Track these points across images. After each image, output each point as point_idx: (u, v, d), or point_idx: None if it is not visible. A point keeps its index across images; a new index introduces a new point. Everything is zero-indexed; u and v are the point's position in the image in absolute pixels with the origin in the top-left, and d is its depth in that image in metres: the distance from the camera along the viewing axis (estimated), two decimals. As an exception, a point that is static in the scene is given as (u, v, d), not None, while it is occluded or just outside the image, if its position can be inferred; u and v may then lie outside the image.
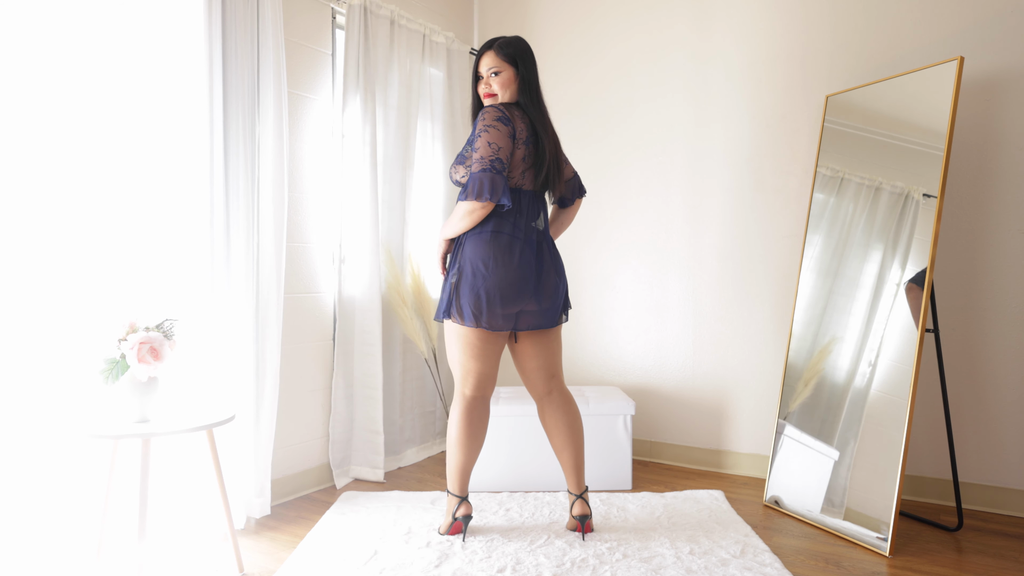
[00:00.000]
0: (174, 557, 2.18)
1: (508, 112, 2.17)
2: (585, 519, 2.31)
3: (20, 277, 1.93)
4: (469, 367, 2.24)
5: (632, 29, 3.43)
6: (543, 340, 2.32)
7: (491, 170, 2.09)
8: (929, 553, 2.26)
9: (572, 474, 2.34)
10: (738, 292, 3.17)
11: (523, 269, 2.16)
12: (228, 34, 2.41)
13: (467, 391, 2.27)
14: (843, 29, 2.93)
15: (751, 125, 3.13)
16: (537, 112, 2.24)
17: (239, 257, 2.45)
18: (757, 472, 3.11)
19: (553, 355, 2.34)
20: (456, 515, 2.30)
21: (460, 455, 2.28)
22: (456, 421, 2.28)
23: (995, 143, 2.65)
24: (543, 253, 2.23)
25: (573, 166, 2.43)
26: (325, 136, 2.98)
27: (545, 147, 2.21)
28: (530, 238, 2.21)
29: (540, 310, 2.22)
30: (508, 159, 2.14)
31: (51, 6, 1.98)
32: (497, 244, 2.14)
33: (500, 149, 2.12)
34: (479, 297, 2.13)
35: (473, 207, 2.11)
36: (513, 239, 2.16)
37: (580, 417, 2.37)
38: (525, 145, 2.19)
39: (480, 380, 2.26)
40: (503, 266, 2.13)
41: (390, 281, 3.15)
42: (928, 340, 2.62)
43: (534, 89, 2.25)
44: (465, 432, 2.27)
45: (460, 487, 2.32)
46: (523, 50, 2.28)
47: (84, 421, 1.90)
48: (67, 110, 2.03)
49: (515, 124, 2.17)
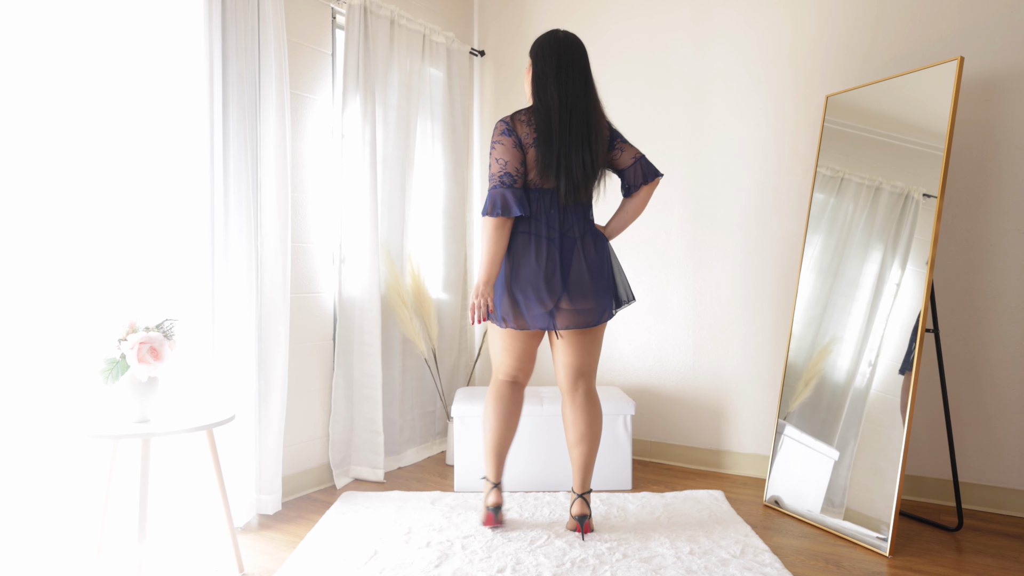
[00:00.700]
0: (174, 557, 2.18)
1: (511, 122, 2.23)
2: (584, 519, 2.32)
3: (21, 277, 1.93)
4: (501, 359, 2.39)
5: (631, 29, 3.43)
6: (578, 339, 2.32)
7: (500, 186, 2.19)
8: (929, 553, 2.26)
9: (578, 472, 2.35)
10: (738, 292, 3.17)
11: (545, 267, 2.18)
12: (228, 34, 2.41)
13: (498, 376, 2.43)
14: (843, 29, 2.93)
15: (751, 125, 3.13)
16: (545, 109, 2.20)
17: (239, 257, 2.45)
18: (757, 472, 3.11)
19: (586, 355, 2.34)
20: (487, 503, 2.38)
21: (488, 435, 2.38)
22: (486, 402, 2.42)
23: (995, 143, 2.65)
24: (574, 251, 2.22)
25: (636, 149, 2.31)
26: (325, 136, 2.98)
27: (556, 146, 2.18)
28: (553, 236, 2.21)
29: (575, 309, 2.22)
30: (519, 168, 2.20)
31: (51, 6, 1.98)
32: (518, 245, 2.22)
33: (507, 163, 2.19)
34: (506, 298, 2.23)
35: (487, 224, 2.19)
36: (534, 238, 2.21)
37: (600, 421, 2.37)
38: (535, 147, 2.21)
39: (511, 371, 2.39)
40: (524, 266, 2.20)
41: (390, 281, 3.15)
42: (928, 340, 2.62)
43: (541, 85, 2.23)
44: (492, 411, 2.38)
45: (492, 471, 2.39)
46: (535, 44, 2.31)
47: (84, 421, 1.90)
48: (67, 110, 2.03)
49: (518, 131, 2.21)
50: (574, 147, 2.19)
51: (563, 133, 2.18)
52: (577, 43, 2.28)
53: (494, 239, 2.18)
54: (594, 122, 2.22)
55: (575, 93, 2.21)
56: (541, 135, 2.19)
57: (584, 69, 2.25)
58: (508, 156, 2.19)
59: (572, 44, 2.27)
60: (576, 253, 2.22)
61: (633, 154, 2.31)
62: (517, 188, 2.19)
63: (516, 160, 2.19)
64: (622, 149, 2.31)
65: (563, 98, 2.20)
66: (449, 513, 2.54)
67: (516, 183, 2.19)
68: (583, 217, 2.27)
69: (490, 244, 2.19)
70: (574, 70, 2.23)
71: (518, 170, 2.19)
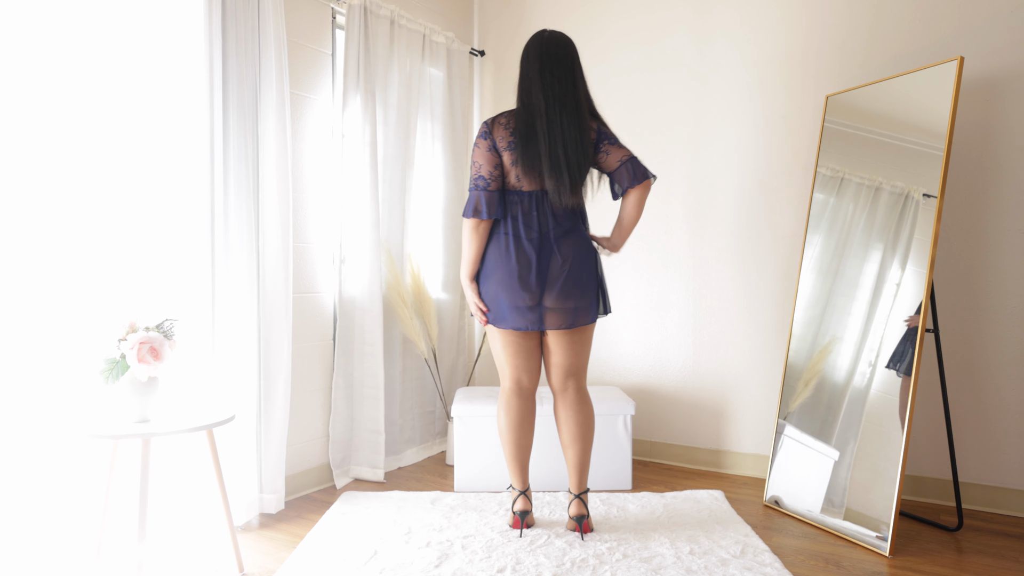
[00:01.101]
0: (174, 557, 2.18)
1: (490, 126, 2.26)
2: (582, 519, 2.32)
3: (21, 277, 1.93)
4: (502, 362, 2.39)
5: (631, 29, 3.43)
6: (565, 339, 2.32)
7: (475, 188, 2.25)
8: (929, 553, 2.26)
9: (574, 473, 2.35)
10: (738, 292, 3.17)
11: (520, 268, 2.21)
12: (228, 34, 2.41)
13: (504, 383, 2.41)
14: (843, 29, 2.93)
15: (751, 125, 3.13)
16: (526, 111, 2.22)
17: (239, 256, 2.45)
18: (757, 472, 3.11)
19: (574, 355, 2.34)
20: (513, 509, 2.38)
21: (505, 445, 2.39)
22: (497, 412, 2.44)
23: (995, 143, 2.65)
24: (551, 252, 2.22)
25: (626, 150, 2.25)
26: (325, 136, 2.98)
27: (536, 149, 2.19)
28: (532, 237, 2.22)
29: (558, 308, 2.23)
30: (493, 172, 2.24)
31: (52, 7, 1.98)
32: (497, 246, 2.26)
33: (481, 166, 2.25)
34: (491, 299, 2.28)
35: (464, 225, 2.28)
36: (513, 239, 2.23)
37: (592, 420, 2.37)
38: (510, 150, 2.22)
39: (514, 373, 2.38)
40: (502, 267, 2.23)
41: (390, 281, 3.15)
42: (928, 340, 2.62)
43: (525, 88, 2.26)
44: (504, 421, 2.38)
45: (516, 479, 2.40)
46: (524, 47, 2.31)
47: (84, 421, 1.90)
48: (67, 111, 2.03)
49: (495, 134, 2.24)
50: (557, 148, 2.18)
51: (545, 135, 2.18)
52: (563, 42, 2.26)
53: (469, 239, 2.28)
54: (579, 122, 2.20)
55: (557, 94, 2.20)
56: (519, 138, 2.20)
57: (569, 68, 2.23)
58: (482, 159, 2.24)
59: (557, 43, 2.25)
60: (553, 253, 2.22)
61: (620, 156, 2.25)
62: (491, 191, 2.23)
63: (490, 164, 2.24)
64: (608, 151, 2.25)
65: (547, 99, 2.20)
66: (449, 513, 2.55)
67: (490, 186, 2.23)
68: (568, 218, 2.25)
69: (466, 244, 2.29)
70: (558, 69, 2.22)
71: (491, 173, 2.24)
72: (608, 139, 2.26)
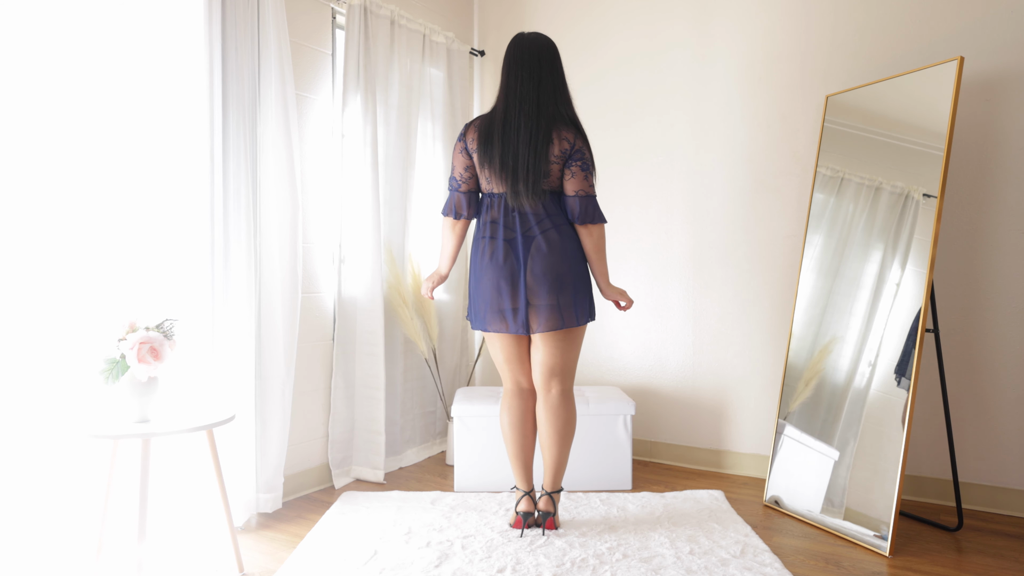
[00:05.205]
0: (174, 557, 2.18)
1: (466, 128, 2.32)
2: (547, 516, 2.35)
3: (21, 277, 1.93)
4: (500, 364, 2.44)
5: (631, 30, 3.43)
6: (547, 339, 2.32)
7: (450, 189, 2.36)
8: (929, 553, 2.26)
9: (549, 472, 2.38)
10: (738, 292, 3.17)
11: (497, 269, 2.24)
12: (228, 34, 2.41)
13: (505, 384, 2.45)
14: (843, 29, 2.93)
15: (751, 125, 3.13)
16: (491, 113, 2.28)
17: (239, 256, 2.45)
18: (757, 472, 3.11)
19: (558, 355, 2.33)
20: (517, 509, 2.38)
21: (508, 446, 2.41)
22: (500, 413, 2.45)
23: (995, 143, 2.65)
24: (528, 254, 2.22)
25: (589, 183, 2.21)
26: (325, 136, 2.98)
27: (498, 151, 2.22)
28: (512, 238, 2.24)
29: (543, 306, 2.23)
30: (464, 174, 2.31)
31: (52, 7, 1.98)
32: (476, 249, 2.33)
33: (454, 168, 2.34)
34: (472, 301, 2.35)
35: (442, 223, 2.40)
36: (490, 240, 2.27)
37: (573, 424, 2.36)
38: (476, 152, 2.26)
39: (512, 375, 2.42)
40: (481, 268, 2.29)
41: (391, 281, 3.15)
42: (928, 340, 2.62)
43: (500, 90, 2.30)
44: (505, 423, 2.41)
45: (520, 479, 2.41)
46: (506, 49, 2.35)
47: (84, 421, 1.91)
48: (67, 111, 2.03)
49: (467, 136, 2.30)
50: (508, 153, 2.20)
51: (499, 138, 2.21)
52: (537, 45, 2.27)
53: (444, 236, 2.41)
54: (536, 126, 2.19)
55: (520, 96, 2.22)
56: (481, 141, 2.24)
57: (535, 71, 2.23)
58: (456, 161, 2.33)
59: (530, 45, 2.27)
60: (530, 253, 2.23)
61: (580, 187, 2.21)
62: (462, 192, 2.32)
63: (461, 165, 2.31)
64: (573, 174, 2.21)
65: (508, 102, 2.24)
66: (449, 513, 2.54)
67: (461, 187, 2.32)
68: (547, 218, 2.22)
69: (442, 241, 2.43)
70: (524, 72, 2.23)
71: (462, 175, 2.31)
72: (581, 163, 2.21)
